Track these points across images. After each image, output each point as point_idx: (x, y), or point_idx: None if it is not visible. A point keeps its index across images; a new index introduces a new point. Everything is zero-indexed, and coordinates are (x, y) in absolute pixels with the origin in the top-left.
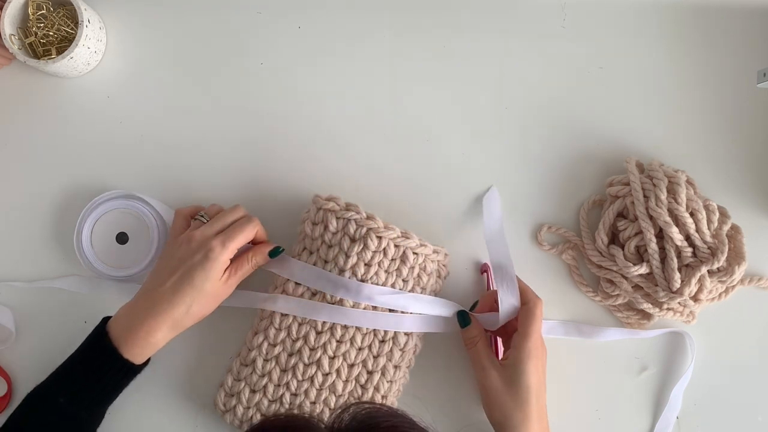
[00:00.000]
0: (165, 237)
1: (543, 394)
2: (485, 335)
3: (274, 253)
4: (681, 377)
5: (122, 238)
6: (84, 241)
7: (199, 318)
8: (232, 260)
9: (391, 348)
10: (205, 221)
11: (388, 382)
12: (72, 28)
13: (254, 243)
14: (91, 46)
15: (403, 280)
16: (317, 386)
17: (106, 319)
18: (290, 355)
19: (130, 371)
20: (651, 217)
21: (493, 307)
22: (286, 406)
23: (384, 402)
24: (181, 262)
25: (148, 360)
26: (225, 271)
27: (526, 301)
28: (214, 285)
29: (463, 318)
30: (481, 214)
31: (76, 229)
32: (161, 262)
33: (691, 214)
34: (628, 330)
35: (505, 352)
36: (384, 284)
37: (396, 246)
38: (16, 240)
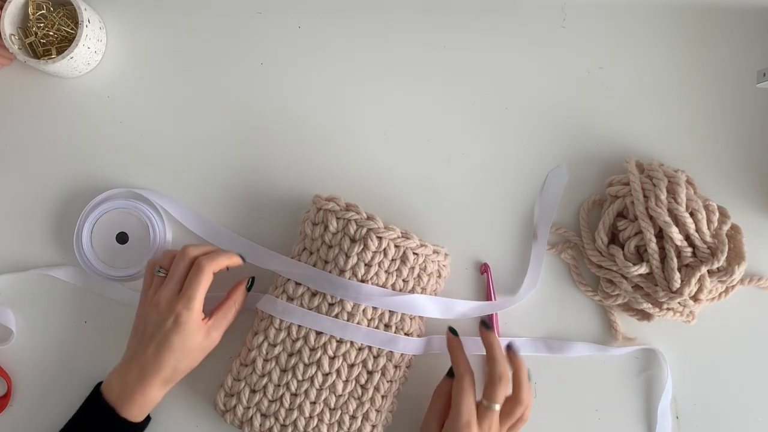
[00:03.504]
0: (164, 236)
1: None
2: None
3: (250, 286)
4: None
5: (122, 237)
6: (84, 240)
7: (189, 370)
8: (214, 309)
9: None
10: (163, 275)
11: (388, 382)
12: (72, 28)
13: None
14: (91, 46)
15: (403, 281)
16: (317, 386)
17: (98, 385)
18: (290, 355)
19: (129, 430)
20: (651, 217)
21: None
22: (286, 406)
23: (384, 402)
24: (156, 328)
25: (149, 418)
26: (204, 322)
27: (457, 375)
28: (194, 342)
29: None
30: (481, 213)
31: (76, 228)
32: (139, 324)
33: (691, 214)
34: (597, 346)
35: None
36: (384, 284)
37: (396, 246)
38: (16, 240)
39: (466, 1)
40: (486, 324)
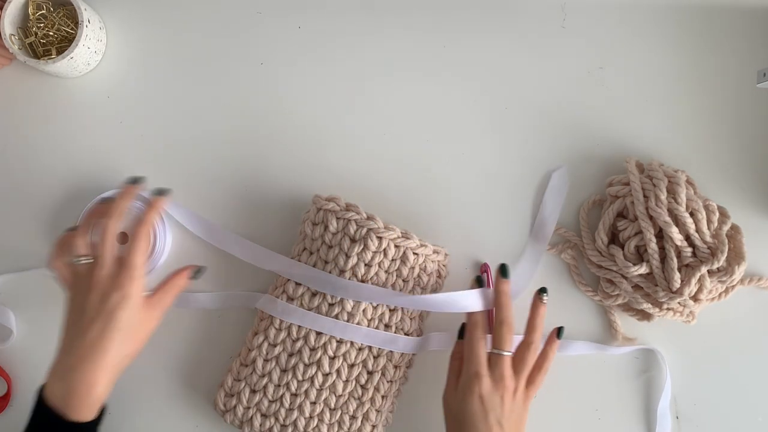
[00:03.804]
0: (165, 237)
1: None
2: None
3: (196, 276)
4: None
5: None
6: None
7: (134, 356)
8: (153, 290)
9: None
10: (90, 260)
11: (388, 382)
12: (72, 28)
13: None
14: (91, 46)
15: (403, 281)
16: (317, 386)
17: (41, 388)
18: (290, 355)
19: (88, 430)
20: (651, 217)
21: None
22: (286, 406)
23: (384, 402)
24: (98, 309)
25: (104, 411)
26: (146, 298)
27: (467, 326)
28: (139, 317)
29: (505, 271)
30: (481, 213)
31: None
32: (72, 317)
33: (691, 214)
34: (596, 345)
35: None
36: (384, 284)
37: (396, 246)
38: (16, 240)
39: (466, 1)
40: (504, 271)
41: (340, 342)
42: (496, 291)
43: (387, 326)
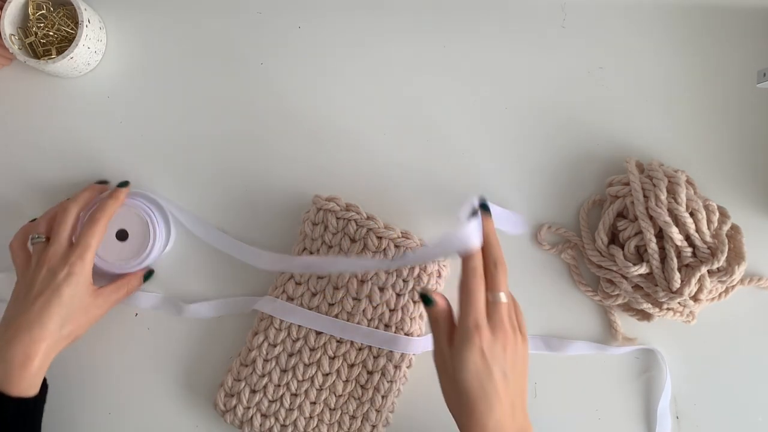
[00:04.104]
0: (165, 234)
1: (496, 386)
2: (449, 314)
3: (147, 277)
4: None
5: (122, 234)
6: None
7: (75, 337)
8: (110, 281)
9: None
10: (44, 239)
11: (388, 382)
12: (72, 28)
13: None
14: (91, 46)
15: (403, 281)
16: (317, 386)
17: None
18: (290, 355)
19: (28, 406)
20: (651, 217)
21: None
22: (286, 406)
23: (384, 402)
24: (45, 284)
25: (46, 387)
26: (94, 288)
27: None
28: (83, 300)
29: (426, 298)
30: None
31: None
32: (19, 291)
33: (691, 214)
34: (596, 345)
35: None
36: (384, 284)
37: (396, 246)
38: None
39: (465, 1)
40: (485, 206)
41: (340, 342)
42: (483, 230)
43: (387, 326)
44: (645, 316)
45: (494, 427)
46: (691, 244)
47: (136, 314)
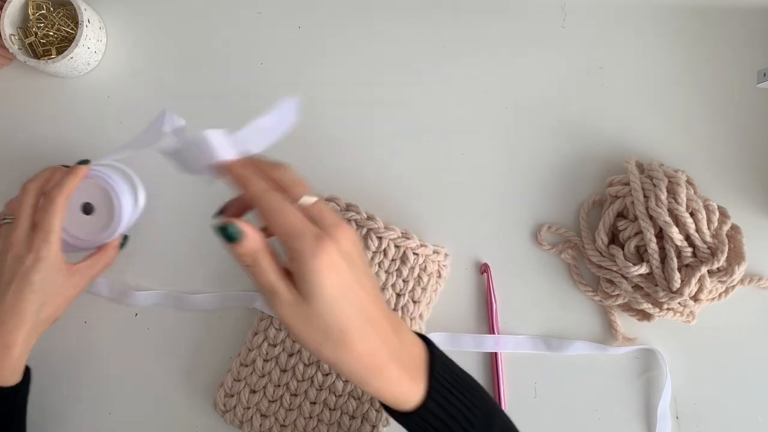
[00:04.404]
0: (132, 199)
1: (361, 299)
2: (267, 245)
3: (123, 244)
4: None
5: (88, 208)
6: None
7: (53, 320)
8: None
9: None
10: (11, 220)
11: None
12: (72, 28)
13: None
14: (91, 46)
15: (403, 281)
16: (317, 386)
17: None
18: (290, 355)
19: (10, 394)
20: (651, 217)
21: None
22: (286, 406)
23: None
24: (13, 271)
25: (29, 374)
26: (68, 265)
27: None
28: (56, 283)
29: (227, 232)
30: (481, 213)
31: None
32: None
33: (691, 214)
34: (596, 345)
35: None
36: (384, 284)
37: (396, 246)
38: None
39: (465, 1)
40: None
41: None
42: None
43: None
44: (645, 316)
45: (371, 347)
46: (691, 244)
47: (136, 314)
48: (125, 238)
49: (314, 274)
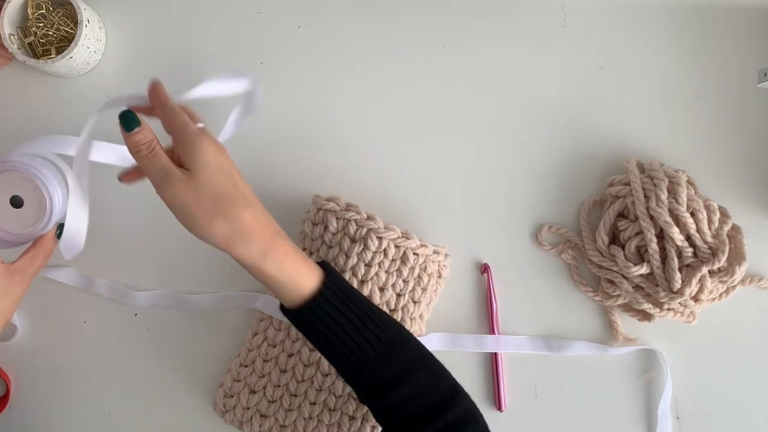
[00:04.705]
0: (62, 187)
1: (242, 180)
2: (155, 136)
3: (60, 233)
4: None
5: (17, 201)
6: None
7: (4, 321)
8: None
9: None
10: None
11: None
12: (72, 28)
13: None
14: (91, 45)
15: (403, 281)
16: (317, 387)
17: None
18: (290, 356)
19: None
20: (651, 217)
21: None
22: (286, 406)
23: None
24: None
25: None
26: (5, 265)
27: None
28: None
29: (128, 119)
30: (481, 213)
31: None
32: None
33: (692, 214)
34: (596, 345)
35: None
36: (384, 284)
37: (396, 246)
38: None
39: (465, 1)
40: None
41: None
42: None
43: None
44: (646, 316)
45: (258, 217)
46: (692, 244)
47: (136, 314)
48: (60, 226)
49: (199, 147)
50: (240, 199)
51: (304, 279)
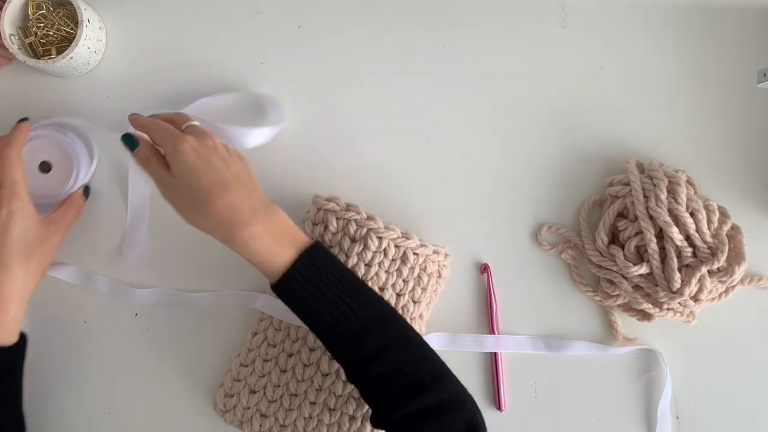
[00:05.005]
0: (87, 152)
1: (226, 167)
2: (156, 151)
3: (86, 193)
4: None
5: (45, 167)
6: None
7: (43, 270)
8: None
9: None
10: None
11: None
12: (72, 28)
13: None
14: (91, 46)
15: (403, 281)
16: (317, 387)
17: None
18: (290, 355)
19: (7, 355)
20: (651, 217)
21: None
22: (286, 406)
23: None
24: None
25: (25, 339)
26: (41, 218)
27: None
28: (36, 231)
29: (130, 140)
30: (481, 213)
31: None
32: None
33: (691, 214)
34: (596, 345)
35: None
36: (384, 284)
37: (396, 246)
38: None
39: (465, 1)
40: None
41: None
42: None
43: None
44: (645, 316)
45: (231, 204)
46: (692, 244)
47: (136, 314)
48: (86, 187)
49: (174, 149)
50: (216, 188)
51: (276, 258)
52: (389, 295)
